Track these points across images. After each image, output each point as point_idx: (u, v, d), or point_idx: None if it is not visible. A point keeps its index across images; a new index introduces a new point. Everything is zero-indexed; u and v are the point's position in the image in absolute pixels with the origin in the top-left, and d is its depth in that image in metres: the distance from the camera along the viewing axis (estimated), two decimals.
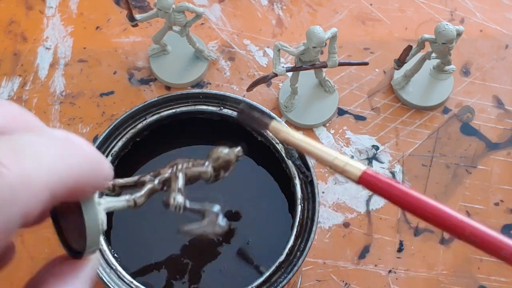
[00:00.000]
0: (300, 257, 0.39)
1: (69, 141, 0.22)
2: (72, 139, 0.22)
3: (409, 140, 0.58)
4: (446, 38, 0.53)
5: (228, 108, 0.44)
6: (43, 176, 0.20)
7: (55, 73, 0.61)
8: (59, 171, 0.21)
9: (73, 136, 0.22)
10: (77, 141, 0.22)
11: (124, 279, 0.39)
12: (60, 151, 0.21)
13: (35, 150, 0.20)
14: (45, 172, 0.20)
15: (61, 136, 0.22)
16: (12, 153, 0.19)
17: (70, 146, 0.21)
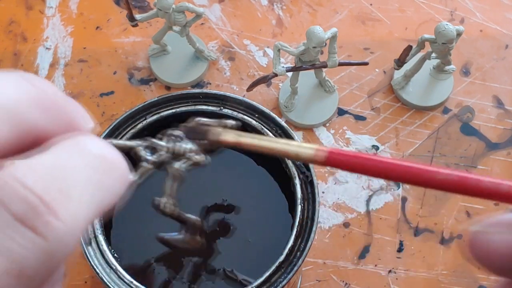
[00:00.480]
0: (300, 257, 0.39)
1: (106, 160, 0.20)
2: (109, 157, 0.21)
3: (409, 140, 0.58)
4: (446, 38, 0.53)
5: (228, 108, 0.44)
6: (85, 215, 0.19)
7: (55, 73, 0.61)
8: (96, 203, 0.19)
9: (109, 151, 0.21)
10: (113, 159, 0.21)
11: (124, 279, 0.39)
12: (98, 175, 0.20)
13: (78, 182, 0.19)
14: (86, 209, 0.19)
15: (99, 153, 0.20)
16: (60, 194, 0.18)
17: (107, 167, 0.20)
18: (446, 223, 0.54)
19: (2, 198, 0.18)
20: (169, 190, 0.29)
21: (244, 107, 0.44)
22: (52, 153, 0.20)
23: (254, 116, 0.44)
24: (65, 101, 0.22)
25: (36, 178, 0.18)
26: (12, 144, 0.20)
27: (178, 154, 0.29)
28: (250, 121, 0.44)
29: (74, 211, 0.18)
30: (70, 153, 0.20)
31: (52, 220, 0.18)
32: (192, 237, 0.32)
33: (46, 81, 0.21)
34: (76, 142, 0.20)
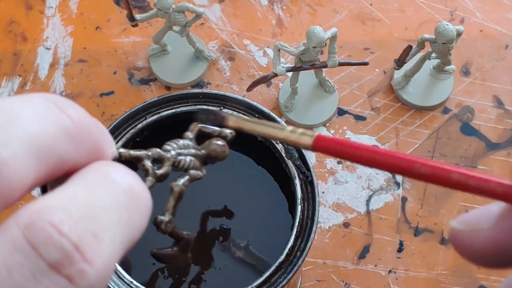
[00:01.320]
0: (300, 257, 0.39)
1: (134, 194, 0.20)
2: (136, 191, 0.20)
3: (409, 140, 0.58)
4: (446, 38, 0.53)
5: (228, 108, 0.44)
6: (115, 258, 0.18)
7: (55, 73, 0.61)
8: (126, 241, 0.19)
9: (136, 184, 0.20)
10: (140, 193, 0.20)
11: (124, 279, 0.39)
12: (128, 213, 0.19)
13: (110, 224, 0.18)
14: (117, 251, 0.19)
15: (126, 187, 0.20)
16: (94, 239, 0.18)
17: (135, 203, 0.20)
18: (446, 223, 0.54)
19: (38, 244, 0.17)
20: (171, 209, 0.29)
21: (244, 107, 0.44)
22: (83, 190, 0.19)
23: (254, 116, 0.44)
24: (93, 126, 0.21)
25: (71, 224, 0.18)
26: (42, 178, 0.19)
27: (181, 168, 0.28)
28: None
29: (106, 255, 0.18)
30: (101, 190, 0.19)
31: (86, 267, 0.18)
32: (183, 253, 0.32)
33: (75, 105, 0.21)
34: (104, 174, 0.20)
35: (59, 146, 0.19)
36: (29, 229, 0.17)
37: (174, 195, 0.29)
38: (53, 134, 0.19)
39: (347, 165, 0.57)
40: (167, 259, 0.32)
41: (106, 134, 0.22)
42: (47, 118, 0.19)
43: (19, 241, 0.17)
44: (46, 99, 0.20)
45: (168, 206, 0.29)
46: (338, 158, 0.24)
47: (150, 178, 0.26)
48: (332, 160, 0.57)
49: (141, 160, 0.27)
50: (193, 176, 0.29)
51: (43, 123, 0.19)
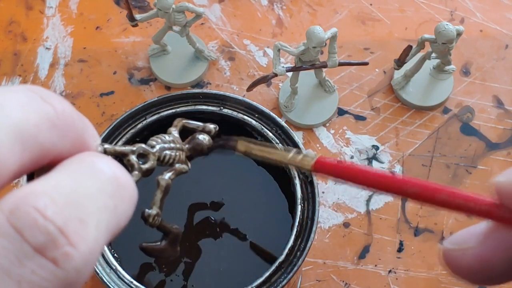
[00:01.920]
0: (300, 257, 0.39)
1: (119, 183, 0.20)
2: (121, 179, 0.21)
3: (409, 140, 0.58)
4: (446, 38, 0.53)
5: (228, 108, 0.44)
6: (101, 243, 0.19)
7: (55, 73, 0.61)
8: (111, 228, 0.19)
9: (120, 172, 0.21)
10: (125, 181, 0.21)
11: (124, 279, 0.39)
12: (114, 200, 0.20)
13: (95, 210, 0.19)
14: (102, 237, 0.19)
15: (111, 175, 0.20)
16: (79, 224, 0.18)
17: (120, 191, 0.20)
18: (446, 223, 0.54)
19: (22, 229, 0.17)
20: (159, 202, 0.29)
21: (244, 107, 0.44)
22: (68, 178, 0.19)
23: (254, 116, 0.44)
24: (77, 118, 0.22)
25: (56, 209, 0.18)
26: (25, 165, 0.20)
27: (166, 162, 0.29)
28: (250, 121, 0.44)
29: (91, 240, 0.18)
30: (86, 178, 0.20)
31: (71, 251, 0.18)
32: (171, 247, 0.33)
33: (58, 97, 0.21)
34: (90, 164, 0.20)
35: (42, 134, 0.20)
36: (14, 214, 0.18)
37: (160, 189, 0.29)
38: (36, 122, 0.20)
39: None
40: (156, 253, 0.33)
41: (91, 127, 0.23)
42: (30, 107, 0.20)
43: (3, 226, 0.17)
44: (30, 90, 0.20)
45: (155, 199, 0.29)
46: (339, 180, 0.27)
47: (136, 173, 0.27)
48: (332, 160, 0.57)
49: (126, 155, 0.27)
50: (179, 170, 0.30)
51: (26, 112, 0.19)
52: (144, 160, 0.27)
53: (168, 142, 0.29)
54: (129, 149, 0.27)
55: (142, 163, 0.27)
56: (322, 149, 0.57)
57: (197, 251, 0.43)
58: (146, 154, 0.28)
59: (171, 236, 0.32)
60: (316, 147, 0.57)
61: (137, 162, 0.27)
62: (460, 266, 0.23)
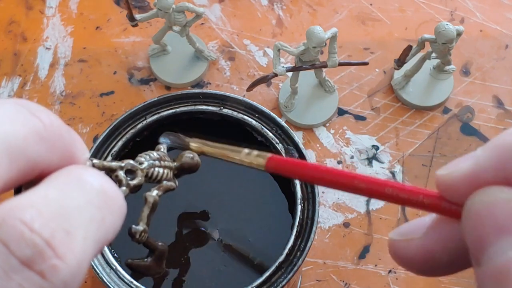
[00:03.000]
0: (300, 257, 0.39)
1: (106, 195, 0.20)
2: (108, 191, 0.21)
3: (409, 140, 0.58)
4: (446, 38, 0.53)
5: (228, 108, 0.44)
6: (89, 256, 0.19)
7: (55, 73, 0.61)
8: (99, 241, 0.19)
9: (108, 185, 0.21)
10: (113, 193, 0.21)
11: (124, 279, 0.39)
12: (101, 212, 0.20)
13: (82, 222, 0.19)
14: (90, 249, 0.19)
15: (99, 188, 0.20)
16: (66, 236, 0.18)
17: (108, 203, 0.20)
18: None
19: (8, 242, 0.17)
20: (146, 219, 0.29)
21: (244, 107, 0.44)
22: (55, 191, 0.19)
23: (254, 116, 0.44)
24: (65, 131, 0.22)
25: (42, 221, 0.18)
26: (13, 178, 0.20)
27: (154, 179, 0.29)
28: (250, 121, 0.44)
29: (79, 252, 0.18)
30: (72, 189, 0.20)
31: (59, 263, 0.18)
32: (157, 264, 0.33)
33: (46, 110, 0.21)
34: (77, 177, 0.20)
35: (30, 147, 0.20)
36: (0, 227, 0.17)
37: (148, 205, 0.29)
38: (24, 135, 0.20)
39: (347, 165, 0.57)
40: (141, 269, 0.33)
41: (79, 140, 0.23)
42: (18, 120, 0.20)
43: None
44: (17, 103, 0.20)
45: (142, 216, 0.29)
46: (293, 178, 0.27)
47: (124, 188, 0.27)
48: (332, 160, 0.57)
49: (114, 171, 0.27)
50: (166, 187, 0.30)
51: (13, 125, 0.19)
52: (132, 176, 0.28)
53: (157, 159, 0.29)
54: (117, 165, 0.27)
55: (130, 179, 0.27)
56: (322, 149, 0.57)
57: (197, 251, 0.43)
58: (134, 170, 0.28)
59: (157, 253, 0.32)
60: (316, 147, 0.57)
61: (125, 178, 0.27)
62: (405, 257, 0.23)
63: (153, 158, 0.29)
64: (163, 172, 0.29)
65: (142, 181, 0.28)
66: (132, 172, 0.28)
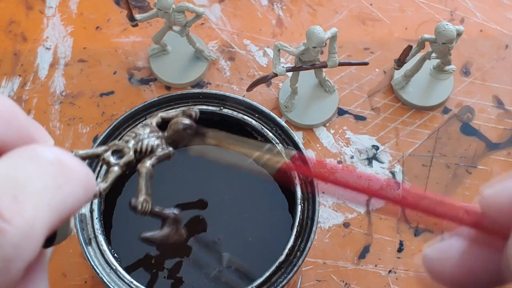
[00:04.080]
0: (300, 257, 0.39)
1: (63, 165, 0.20)
2: (65, 162, 0.20)
3: (409, 140, 0.58)
4: (446, 38, 0.53)
5: (228, 108, 0.44)
6: (43, 220, 0.19)
7: (55, 73, 0.61)
8: (57, 207, 0.19)
9: (64, 155, 0.21)
10: (70, 163, 0.21)
11: (124, 279, 0.39)
12: (56, 181, 0.20)
13: (34, 190, 0.19)
14: (45, 214, 0.19)
15: (54, 159, 0.20)
16: (13, 201, 0.18)
17: (64, 172, 0.20)
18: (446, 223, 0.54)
19: None
20: (144, 189, 0.29)
21: (244, 107, 0.44)
22: (6, 161, 0.19)
23: (254, 116, 0.44)
24: (21, 114, 0.22)
25: None
26: None
27: (145, 151, 0.29)
28: (250, 121, 0.44)
29: (30, 216, 0.18)
30: (24, 161, 0.20)
31: (5, 226, 0.18)
32: (175, 230, 0.32)
33: (4, 96, 0.21)
34: (31, 151, 0.20)
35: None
36: None
37: (142, 177, 0.29)
38: None
39: (347, 165, 0.57)
40: (159, 240, 0.32)
41: (41, 129, 0.23)
42: None
43: None
44: None
45: (139, 187, 0.29)
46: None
47: (115, 169, 0.27)
48: (332, 160, 0.57)
49: (100, 155, 0.27)
50: (160, 156, 0.29)
51: None
52: (120, 155, 0.28)
53: (143, 133, 0.29)
54: (102, 149, 0.27)
55: (117, 158, 0.27)
56: (322, 149, 0.57)
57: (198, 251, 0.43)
58: (121, 149, 0.28)
59: (170, 220, 0.31)
60: (316, 147, 0.57)
61: (113, 158, 0.27)
62: (442, 275, 0.23)
63: (138, 133, 0.29)
64: (153, 143, 0.29)
65: (132, 157, 0.28)
66: (119, 151, 0.28)
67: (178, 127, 0.31)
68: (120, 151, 0.28)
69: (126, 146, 0.28)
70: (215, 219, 0.44)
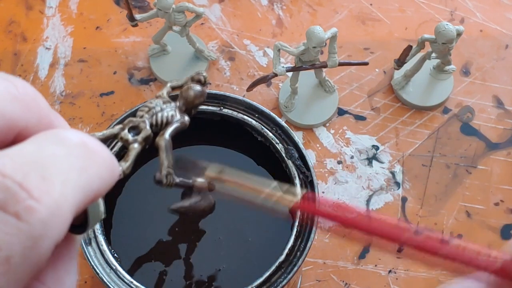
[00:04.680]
0: (300, 257, 0.39)
1: (88, 147, 0.21)
2: (90, 144, 0.21)
3: (409, 140, 0.58)
4: (446, 38, 0.53)
5: (228, 108, 0.44)
6: (70, 199, 0.19)
7: (55, 73, 0.61)
8: (83, 187, 0.20)
9: (89, 139, 0.21)
10: (95, 146, 0.21)
11: (124, 279, 0.39)
12: (82, 162, 0.20)
13: (60, 170, 0.19)
14: (71, 193, 0.19)
15: (79, 142, 0.21)
16: (41, 180, 0.18)
17: (89, 155, 0.20)
18: (446, 223, 0.54)
19: None
20: (166, 162, 0.29)
21: (244, 107, 0.44)
22: (32, 144, 0.20)
23: (254, 116, 0.44)
24: (47, 106, 0.22)
25: (15, 166, 0.18)
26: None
27: (161, 124, 0.29)
28: (250, 121, 0.44)
29: (57, 194, 0.18)
30: (50, 143, 0.20)
31: (34, 204, 0.18)
32: (203, 197, 0.31)
33: (27, 83, 0.22)
34: (56, 134, 0.21)
35: (11, 109, 0.20)
36: None
37: (161, 149, 0.28)
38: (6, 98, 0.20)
39: (347, 165, 0.57)
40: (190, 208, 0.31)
41: (59, 116, 0.23)
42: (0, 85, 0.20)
43: None
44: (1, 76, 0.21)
45: (161, 161, 0.29)
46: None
47: (135, 146, 0.27)
48: (332, 160, 0.57)
49: (118, 135, 0.27)
50: (177, 126, 0.29)
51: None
52: (137, 131, 0.27)
53: (157, 106, 0.29)
54: (118, 128, 0.27)
55: (135, 134, 0.27)
56: (322, 149, 0.57)
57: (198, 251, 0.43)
58: (137, 125, 0.28)
59: (195, 189, 0.31)
60: (316, 147, 0.57)
61: (130, 135, 0.27)
62: None
63: (151, 107, 0.29)
64: (167, 114, 0.29)
65: (149, 131, 0.28)
66: (136, 128, 0.27)
67: (189, 94, 0.31)
68: (136, 127, 0.27)
69: (141, 121, 0.28)
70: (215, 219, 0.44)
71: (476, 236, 0.54)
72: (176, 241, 0.43)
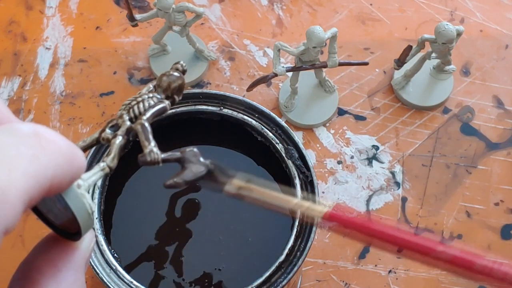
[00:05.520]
0: (300, 257, 0.39)
1: (40, 136, 0.20)
2: (43, 134, 0.21)
3: (409, 140, 0.58)
4: (446, 38, 0.53)
5: (228, 108, 0.44)
6: (18, 186, 0.19)
7: (55, 73, 0.61)
8: (34, 175, 0.19)
9: (43, 129, 0.21)
10: (49, 135, 0.21)
11: (124, 279, 0.39)
12: (33, 150, 0.20)
13: (6, 157, 0.19)
14: (20, 180, 0.19)
15: (31, 132, 0.20)
16: None
17: (42, 143, 0.20)
18: (446, 223, 0.54)
19: None
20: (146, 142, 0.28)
21: (244, 107, 0.44)
22: None
23: (254, 116, 0.44)
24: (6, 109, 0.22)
25: None
26: None
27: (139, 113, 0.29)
28: (250, 121, 0.44)
29: (3, 182, 0.18)
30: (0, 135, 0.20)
31: None
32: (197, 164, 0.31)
33: None
34: (7, 126, 0.21)
35: None
36: None
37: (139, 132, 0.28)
38: None
39: (347, 165, 0.57)
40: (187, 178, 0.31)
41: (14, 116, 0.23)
42: None
43: None
44: None
45: (141, 144, 0.28)
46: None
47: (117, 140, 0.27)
48: (332, 160, 0.57)
49: (98, 138, 0.28)
50: (155, 111, 0.29)
51: None
52: (117, 128, 0.28)
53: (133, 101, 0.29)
54: (97, 132, 0.28)
55: (114, 130, 0.28)
56: (322, 149, 0.57)
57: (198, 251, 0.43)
58: (115, 123, 0.28)
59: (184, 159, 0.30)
60: (316, 147, 0.57)
61: (110, 132, 0.28)
62: None
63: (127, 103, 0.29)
64: (146, 104, 0.29)
65: (128, 124, 0.28)
66: (115, 126, 0.28)
67: (163, 79, 0.31)
68: (115, 125, 0.28)
69: (118, 118, 0.28)
70: (215, 219, 0.44)
71: (476, 236, 0.54)
72: (176, 241, 0.43)
